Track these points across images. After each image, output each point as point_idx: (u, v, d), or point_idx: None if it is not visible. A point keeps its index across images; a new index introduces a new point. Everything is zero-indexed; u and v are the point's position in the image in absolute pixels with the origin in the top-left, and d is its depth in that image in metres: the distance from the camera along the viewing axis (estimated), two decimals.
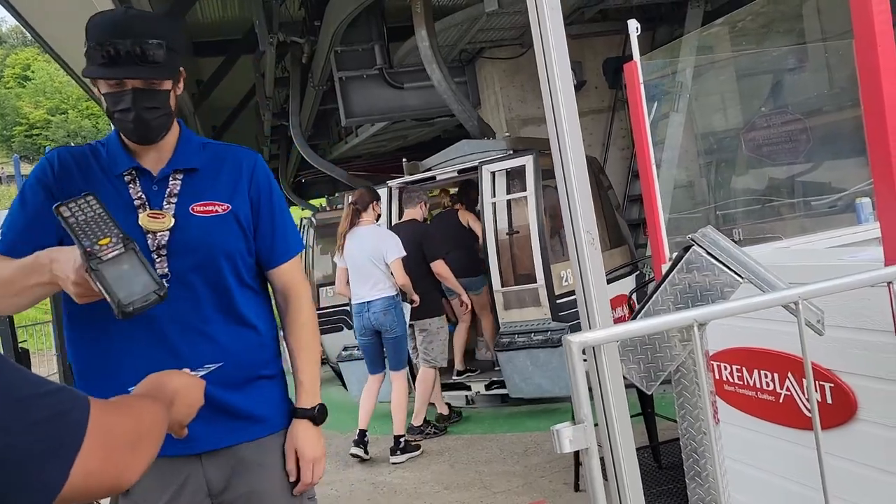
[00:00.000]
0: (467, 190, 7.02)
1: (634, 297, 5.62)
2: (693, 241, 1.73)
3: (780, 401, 2.33)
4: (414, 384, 5.75)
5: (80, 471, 0.82)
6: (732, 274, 1.69)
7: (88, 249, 1.37)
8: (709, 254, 1.71)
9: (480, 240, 6.34)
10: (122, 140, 1.73)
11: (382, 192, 6.55)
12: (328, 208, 10.66)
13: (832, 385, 2.11)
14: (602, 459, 1.41)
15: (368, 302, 5.33)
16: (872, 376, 2.00)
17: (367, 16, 7.75)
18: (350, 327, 8.94)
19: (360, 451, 5.35)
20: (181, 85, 1.75)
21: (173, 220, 1.67)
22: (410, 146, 13.10)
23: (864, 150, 1.99)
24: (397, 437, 5.29)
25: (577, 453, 1.94)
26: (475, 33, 7.67)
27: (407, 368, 5.62)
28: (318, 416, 1.77)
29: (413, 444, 5.37)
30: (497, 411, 6.28)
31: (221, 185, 1.75)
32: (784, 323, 2.11)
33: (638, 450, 4.59)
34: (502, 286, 5.88)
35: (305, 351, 1.81)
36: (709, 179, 5.99)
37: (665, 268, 1.90)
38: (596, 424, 1.43)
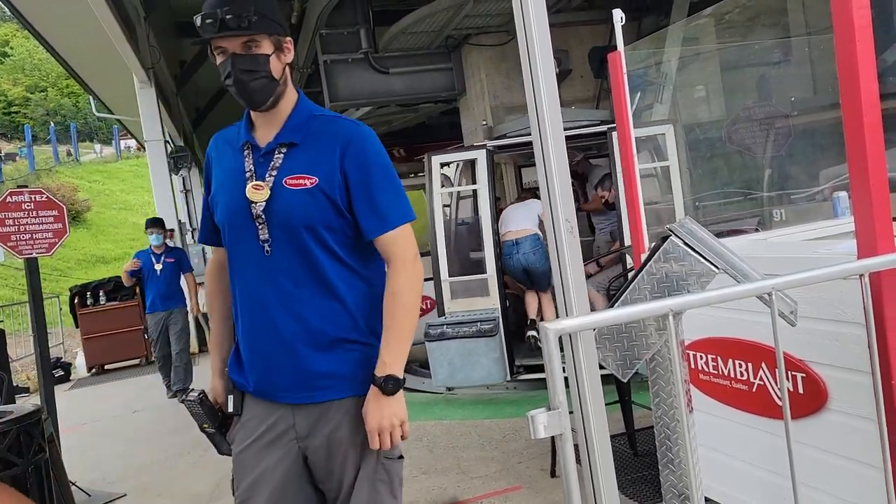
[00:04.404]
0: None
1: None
2: (671, 231, 1.75)
3: (754, 390, 2.36)
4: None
5: None
6: (708, 264, 1.71)
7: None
8: (685, 244, 1.72)
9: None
10: (249, 113, 1.91)
11: (479, 153, 6.12)
12: None
13: (804, 375, 2.15)
14: (577, 446, 1.43)
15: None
16: (843, 367, 2.04)
17: None
18: None
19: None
20: (287, 55, 1.86)
21: (269, 193, 1.81)
22: (395, 131, 13.04)
23: (844, 144, 2.01)
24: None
25: (554, 440, 1.96)
26: (461, 19, 7.62)
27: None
28: (383, 384, 1.77)
29: None
30: (477, 397, 6.31)
31: (315, 158, 1.83)
32: (758, 314, 2.14)
33: (614, 437, 4.59)
34: None
35: (388, 321, 1.82)
36: (691, 170, 6.03)
37: (644, 257, 1.92)
38: (571, 412, 1.45)
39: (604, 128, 6.03)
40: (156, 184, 10.83)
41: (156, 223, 7.41)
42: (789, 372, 2.16)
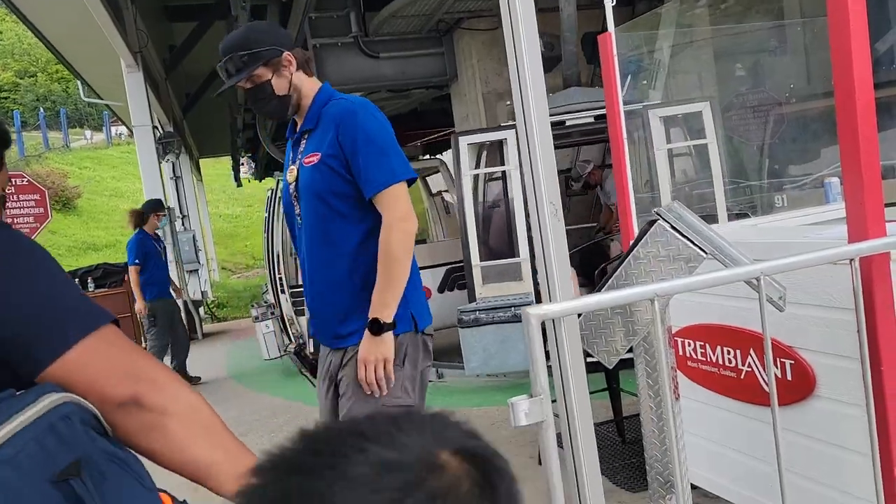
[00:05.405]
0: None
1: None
2: (658, 215, 1.71)
3: (742, 377, 2.34)
4: None
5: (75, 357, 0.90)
6: (696, 249, 1.67)
7: None
8: (673, 228, 1.69)
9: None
10: None
11: (509, 133, 5.60)
12: None
13: (792, 362, 2.13)
14: (560, 433, 1.40)
15: None
16: (831, 353, 2.01)
17: None
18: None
19: None
20: (289, 67, 2.15)
21: (297, 173, 2.20)
22: (388, 118, 12.93)
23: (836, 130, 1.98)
24: None
25: None
26: (453, 2, 7.54)
27: None
28: (370, 325, 2.04)
29: None
30: (465, 385, 6.30)
31: (321, 137, 2.14)
32: (747, 300, 2.11)
33: (603, 424, 4.56)
34: None
35: (378, 271, 2.08)
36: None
37: (631, 242, 1.89)
38: (555, 400, 1.42)
39: (637, 105, 5.59)
40: (144, 170, 10.70)
41: (161, 205, 7.29)
42: (777, 358, 2.14)
